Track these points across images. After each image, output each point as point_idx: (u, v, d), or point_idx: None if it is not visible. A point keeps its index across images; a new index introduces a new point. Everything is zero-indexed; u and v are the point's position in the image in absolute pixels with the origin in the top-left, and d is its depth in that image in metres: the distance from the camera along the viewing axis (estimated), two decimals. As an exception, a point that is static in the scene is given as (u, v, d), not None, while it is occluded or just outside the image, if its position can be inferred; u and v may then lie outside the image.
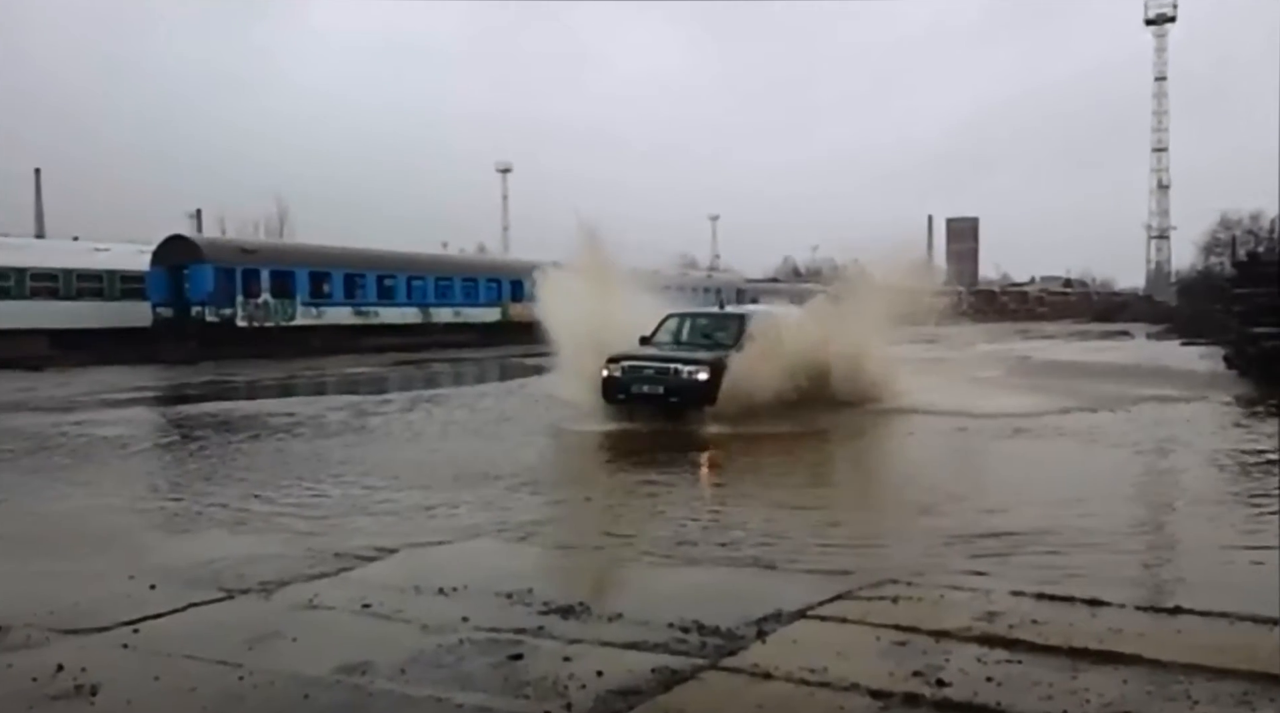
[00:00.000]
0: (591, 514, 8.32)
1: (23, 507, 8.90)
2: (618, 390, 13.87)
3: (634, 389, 13.80)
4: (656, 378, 13.77)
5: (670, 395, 13.69)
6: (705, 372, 13.63)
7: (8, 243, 37.53)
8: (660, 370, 13.84)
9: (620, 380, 13.85)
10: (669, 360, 13.98)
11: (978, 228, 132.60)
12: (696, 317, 16.48)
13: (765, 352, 14.09)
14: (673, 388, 13.67)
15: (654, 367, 13.91)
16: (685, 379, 13.65)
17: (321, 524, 8.02)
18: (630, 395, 13.83)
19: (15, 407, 17.94)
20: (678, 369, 13.76)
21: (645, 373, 13.86)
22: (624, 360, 13.97)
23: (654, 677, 4.48)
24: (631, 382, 13.82)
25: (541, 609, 5.55)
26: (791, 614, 5.40)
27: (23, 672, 4.59)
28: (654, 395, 13.73)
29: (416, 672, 4.65)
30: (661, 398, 13.71)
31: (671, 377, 13.72)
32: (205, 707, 4.22)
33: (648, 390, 13.74)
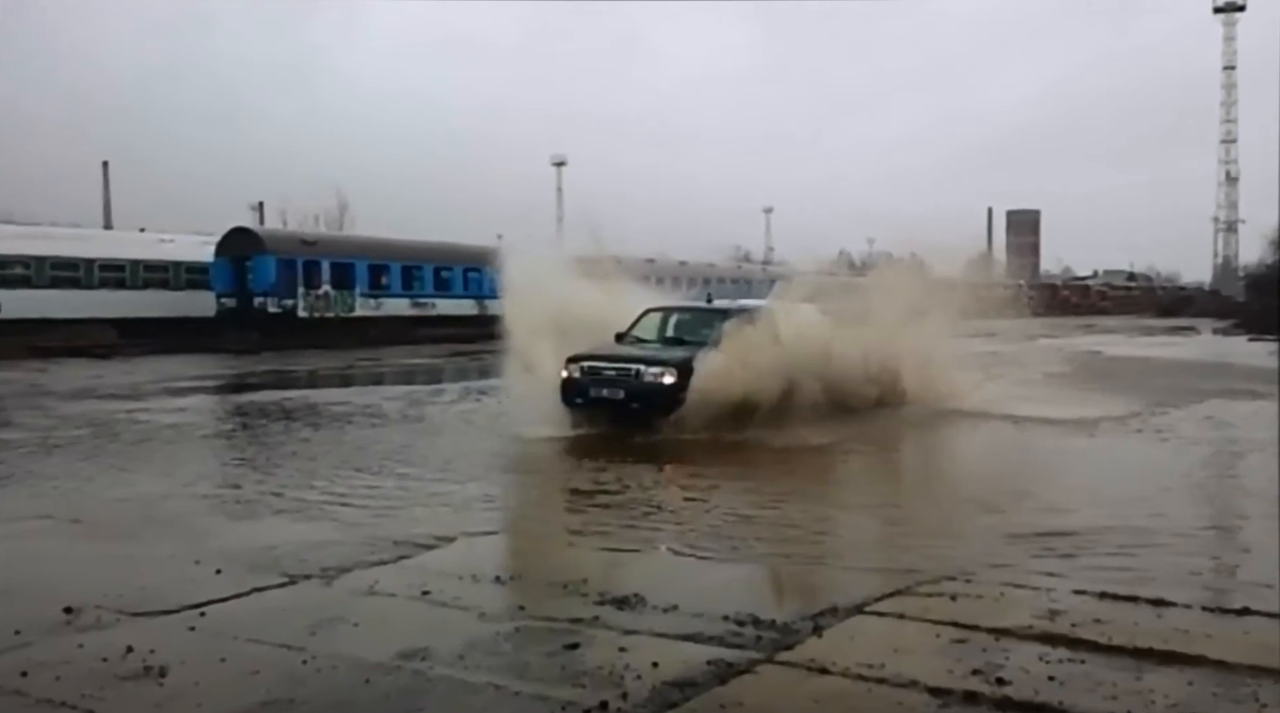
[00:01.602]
0: (641, 509, 8.31)
1: (91, 492, 9.12)
2: (575, 394, 12.36)
3: (592, 393, 12.26)
4: (617, 381, 12.21)
5: (631, 400, 12.12)
6: (671, 374, 12.00)
7: (77, 234, 38.56)
8: (621, 372, 12.27)
9: (578, 383, 12.35)
10: (631, 361, 12.38)
11: (1039, 221, 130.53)
12: (677, 312, 14.83)
13: (751, 351, 12.35)
14: (634, 392, 12.11)
15: (614, 368, 12.34)
16: (648, 382, 12.08)
17: (379, 512, 8.13)
18: (588, 400, 12.31)
19: (84, 394, 18.43)
20: (639, 371, 12.18)
21: (605, 375, 12.30)
22: (583, 361, 12.43)
23: (709, 669, 4.48)
24: (590, 385, 12.29)
25: (596, 600, 5.58)
26: (848, 610, 5.37)
27: (93, 652, 4.71)
28: (613, 400, 12.19)
29: (474, 659, 4.70)
30: (622, 404, 12.17)
31: (633, 380, 12.16)
32: (269, 689, 4.30)
33: (606, 395, 12.20)
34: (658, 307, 14.68)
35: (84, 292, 33.36)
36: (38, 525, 7.74)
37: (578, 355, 12.47)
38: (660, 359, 12.37)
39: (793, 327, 13.12)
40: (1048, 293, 77.24)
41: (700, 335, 13.25)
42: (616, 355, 12.61)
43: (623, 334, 13.64)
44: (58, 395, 18.18)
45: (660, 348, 13.22)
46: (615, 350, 12.84)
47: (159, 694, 4.27)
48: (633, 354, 12.66)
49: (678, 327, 14.15)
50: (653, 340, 13.70)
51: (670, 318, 14.48)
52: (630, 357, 12.53)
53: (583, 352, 12.55)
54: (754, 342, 12.42)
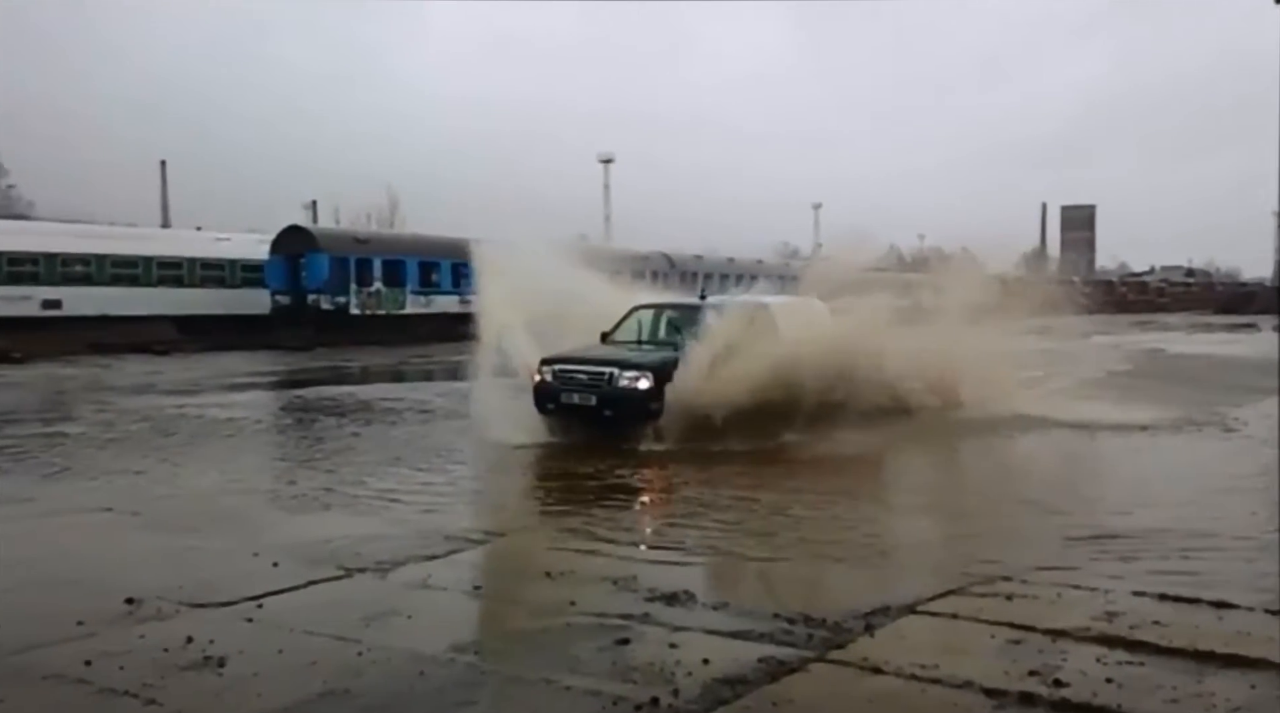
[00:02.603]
0: (688, 506, 8.31)
1: (150, 485, 9.31)
2: (546, 400, 11.44)
3: (563, 398, 11.33)
4: (589, 385, 11.24)
5: (603, 407, 11.13)
6: (646, 378, 10.99)
7: (136, 233, 39.36)
8: (593, 376, 11.28)
9: (550, 387, 11.42)
10: (604, 363, 11.38)
11: (1094, 216, 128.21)
12: (666, 310, 13.56)
13: (741, 353, 11.16)
14: (606, 398, 11.11)
15: (586, 371, 11.36)
16: (621, 388, 11.06)
17: (430, 507, 8.22)
18: (560, 406, 11.38)
19: (144, 389, 18.82)
20: (612, 375, 11.16)
21: (577, 379, 11.35)
22: (555, 363, 11.52)
23: (761, 667, 4.47)
24: (561, 389, 11.36)
25: (646, 596, 5.59)
26: (900, 609, 5.32)
27: (155, 642, 4.82)
28: (585, 407, 11.22)
29: (526, 653, 4.74)
30: (594, 410, 11.19)
31: (605, 384, 11.16)
32: (326, 680, 4.37)
33: (578, 400, 11.24)
34: (646, 304, 13.50)
35: (143, 289, 34.03)
36: (99, 518, 7.92)
37: (550, 357, 11.63)
38: (636, 362, 11.36)
39: (797, 324, 12.15)
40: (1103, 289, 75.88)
41: (689, 336, 12.06)
42: (589, 358, 11.64)
43: (608, 334, 12.69)
44: (118, 390, 18.59)
45: (641, 349, 12.20)
46: (589, 352, 11.86)
47: (218, 684, 4.36)
48: (607, 356, 11.65)
49: (665, 326, 13.13)
50: (636, 341, 12.67)
51: (658, 316, 13.36)
52: (604, 359, 11.53)
53: (556, 354, 11.71)
54: (743, 342, 11.29)
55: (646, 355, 11.73)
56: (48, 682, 4.39)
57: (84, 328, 30.21)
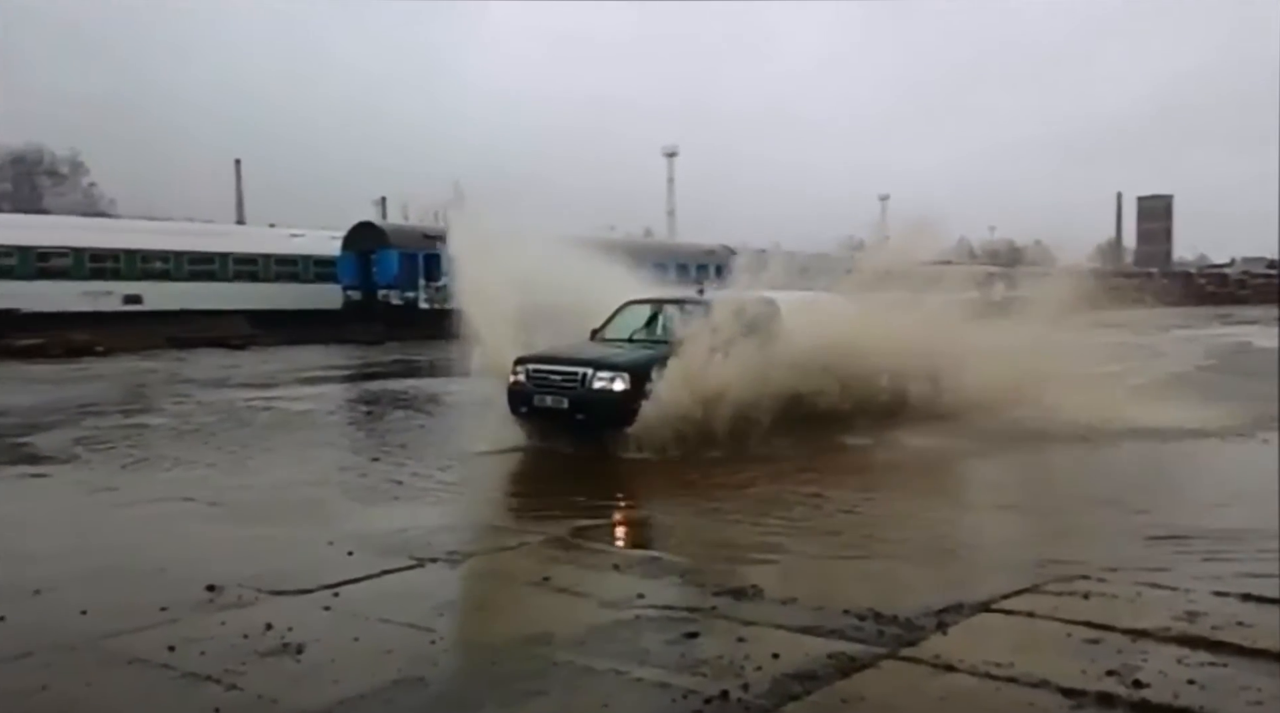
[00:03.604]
0: (752, 502, 8.27)
1: (228, 476, 9.55)
2: (520, 402, 10.77)
3: (536, 401, 10.61)
4: (562, 387, 10.48)
5: (576, 411, 10.35)
6: (622, 380, 10.15)
7: (213, 230, 40.36)
8: (567, 377, 10.51)
9: (523, 389, 10.74)
10: (579, 363, 10.58)
11: (1171, 206, 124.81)
12: (658, 305, 12.40)
13: (737, 352, 10.34)
14: (579, 401, 10.30)
15: (560, 372, 10.59)
16: (595, 390, 10.24)
17: (500, 499, 8.30)
18: (532, 409, 10.67)
19: (221, 382, 19.30)
20: (586, 375, 10.37)
21: (551, 380, 10.60)
22: (530, 363, 10.81)
23: (831, 663, 4.44)
24: (534, 391, 10.64)
25: (715, 590, 5.57)
26: (974, 607, 5.24)
27: (235, 629, 4.94)
28: (557, 410, 10.47)
29: (595, 645, 4.76)
30: (566, 414, 10.42)
31: (579, 386, 10.37)
32: (401, 668, 4.44)
33: (550, 403, 10.50)
34: (638, 299, 12.54)
35: (220, 284, 34.89)
36: (180, 507, 8.14)
37: (525, 356, 10.92)
38: (611, 362, 10.49)
39: (810, 322, 11.25)
40: (1181, 281, 73.92)
41: (680, 334, 11.10)
42: (565, 357, 10.88)
43: (597, 330, 12.01)
44: (196, 383, 19.08)
45: (624, 348, 11.26)
46: (565, 351, 11.13)
47: (297, 670, 4.46)
48: (583, 356, 10.86)
49: (658, 323, 12.07)
50: (624, 338, 11.76)
51: (649, 312, 12.29)
52: (580, 359, 10.72)
53: (531, 352, 11.01)
54: (742, 340, 10.46)
55: (625, 355, 10.82)
56: (133, 666, 4.52)
57: (163, 322, 31.06)
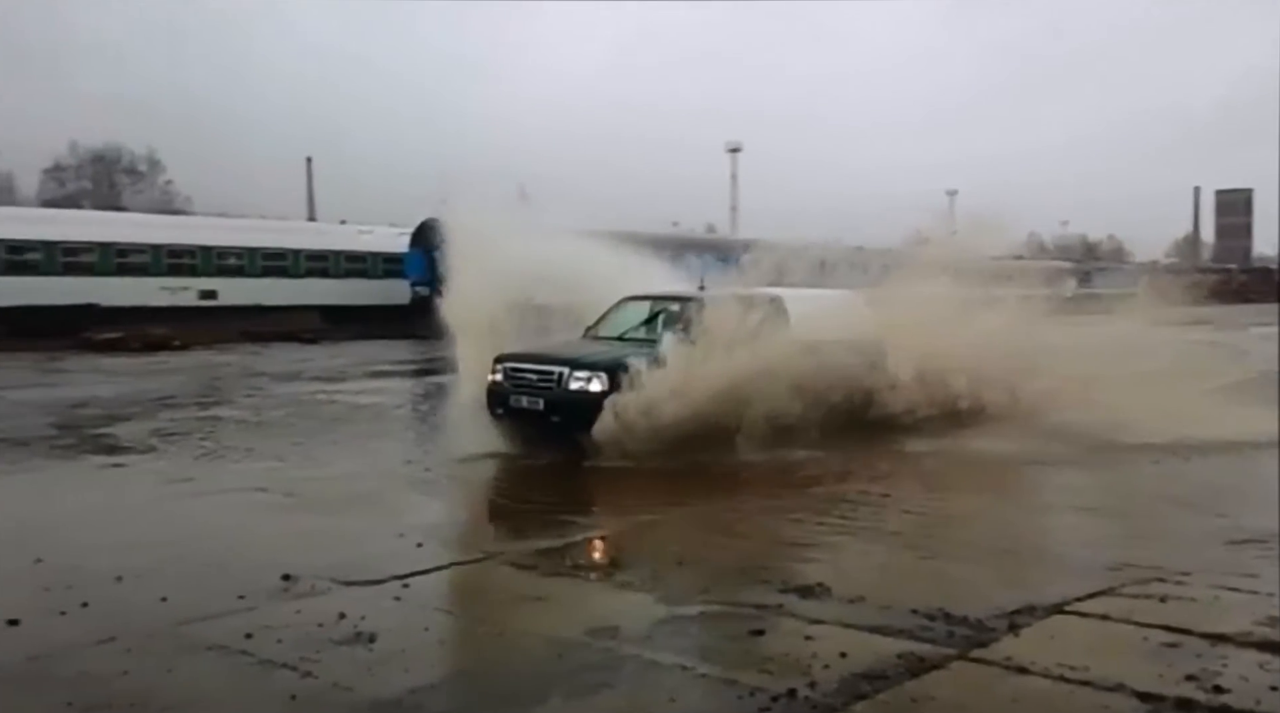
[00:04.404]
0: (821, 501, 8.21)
1: (301, 467, 9.75)
2: (497, 402, 10.29)
3: (512, 401, 10.16)
4: (538, 387, 10.02)
5: (551, 412, 9.86)
6: (600, 380, 9.65)
7: (285, 227, 41.15)
8: (544, 377, 10.04)
9: (501, 389, 10.28)
10: (556, 362, 10.10)
11: (1251, 201, 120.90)
12: (654, 302, 11.66)
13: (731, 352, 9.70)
14: (555, 402, 9.82)
15: (537, 371, 10.13)
16: (572, 391, 9.75)
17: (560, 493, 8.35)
18: (509, 410, 10.20)
19: (293, 376, 19.70)
20: (563, 375, 9.89)
21: (527, 379, 10.15)
22: (508, 361, 10.33)
23: (900, 663, 4.40)
24: (511, 391, 10.20)
25: (780, 588, 5.55)
26: (1046, 609, 5.15)
27: (309, 618, 5.04)
28: (533, 411, 10.01)
29: (661, 639, 4.78)
30: (542, 416, 9.94)
31: (555, 387, 9.90)
32: (469, 659, 4.51)
33: (526, 404, 10.04)
34: (635, 295, 11.82)
35: (292, 280, 35.53)
36: (255, 498, 8.33)
37: (504, 355, 10.46)
38: (590, 361, 9.96)
39: (820, 321, 10.67)
40: (1261, 277, 71.66)
41: (672, 332, 10.56)
42: (542, 355, 10.39)
43: (591, 327, 11.51)
44: (269, 377, 19.49)
45: (610, 347, 10.64)
46: (544, 349, 10.64)
47: (369, 659, 4.54)
48: (561, 354, 10.33)
49: (651, 321, 11.38)
50: (615, 337, 11.16)
51: (644, 310, 11.60)
52: (557, 357, 10.23)
53: (511, 350, 10.52)
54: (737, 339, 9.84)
55: (607, 354, 10.22)
56: (212, 652, 4.64)
57: (237, 317, 31.74)
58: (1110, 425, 10.73)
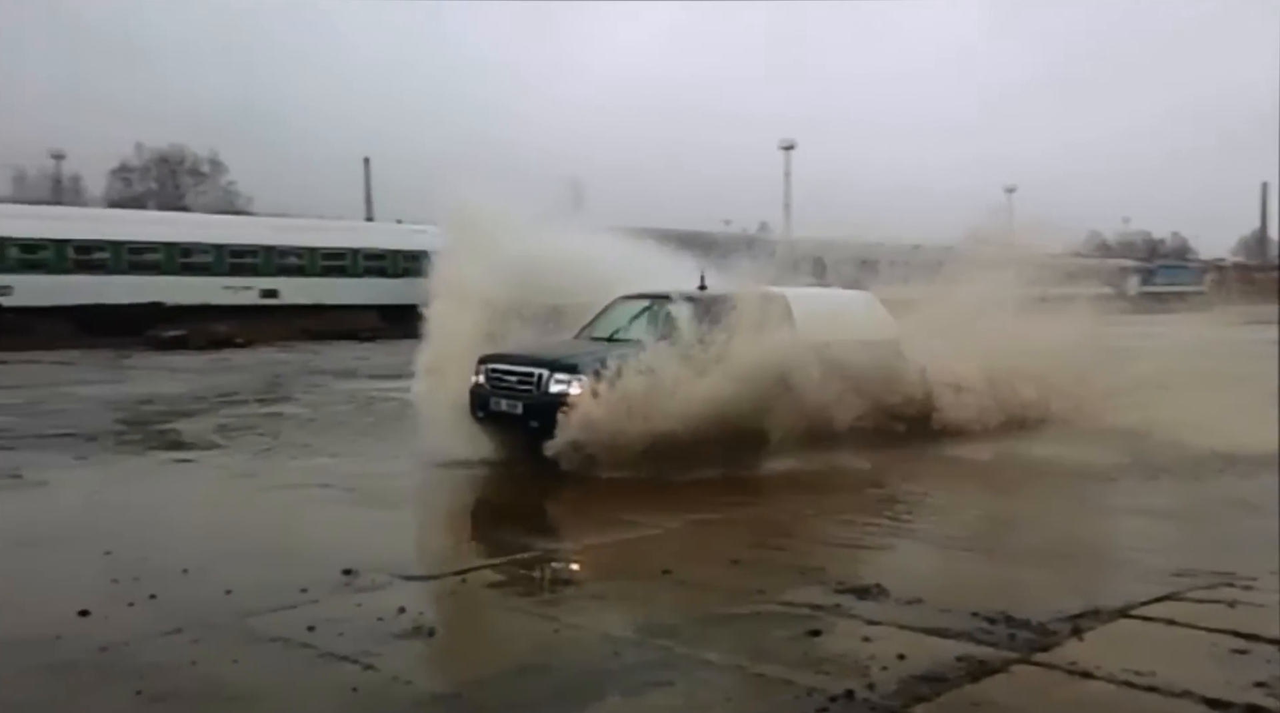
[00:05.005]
0: (880, 501, 8.14)
1: (360, 463, 9.90)
2: (479, 405, 9.79)
3: (493, 404, 9.64)
4: (517, 390, 9.48)
5: (529, 416, 9.26)
6: (579, 383, 9.07)
7: (344, 226, 41.71)
8: (523, 378, 9.49)
9: (483, 391, 9.80)
10: (536, 364, 9.50)
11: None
12: (650, 301, 10.80)
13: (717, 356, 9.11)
14: (533, 406, 9.23)
15: (517, 373, 9.58)
16: (552, 393, 9.13)
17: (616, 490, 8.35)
18: (489, 413, 9.70)
19: (352, 373, 19.99)
20: (542, 377, 9.33)
21: (507, 381, 9.63)
22: (490, 362, 9.84)
23: (960, 665, 4.35)
24: (491, 394, 9.70)
25: (836, 588, 5.52)
26: (1110, 613, 5.06)
27: (370, 611, 5.12)
28: (512, 415, 9.47)
29: (717, 638, 4.77)
30: (520, 420, 9.38)
31: (534, 390, 9.32)
32: (526, 654, 4.54)
33: (505, 407, 9.52)
34: (630, 294, 11.07)
35: (351, 279, 36.02)
36: (316, 493, 8.47)
37: (487, 355, 9.98)
38: (570, 363, 9.36)
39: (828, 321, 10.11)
40: (1334, 275, 69.55)
41: (664, 332, 9.97)
42: (523, 356, 9.81)
43: (585, 326, 10.96)
44: (329, 374, 19.79)
45: (599, 348, 9.95)
46: (526, 350, 10.06)
47: (428, 653, 4.62)
48: (542, 356, 9.75)
49: (648, 320, 10.61)
50: (606, 337, 10.54)
51: (640, 308, 10.84)
52: (537, 359, 9.64)
53: (494, 351, 10.03)
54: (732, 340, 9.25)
55: (592, 355, 9.57)
56: (275, 644, 4.73)
57: (298, 315, 32.25)
58: (1173, 429, 10.40)
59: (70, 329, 26.88)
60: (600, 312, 10.97)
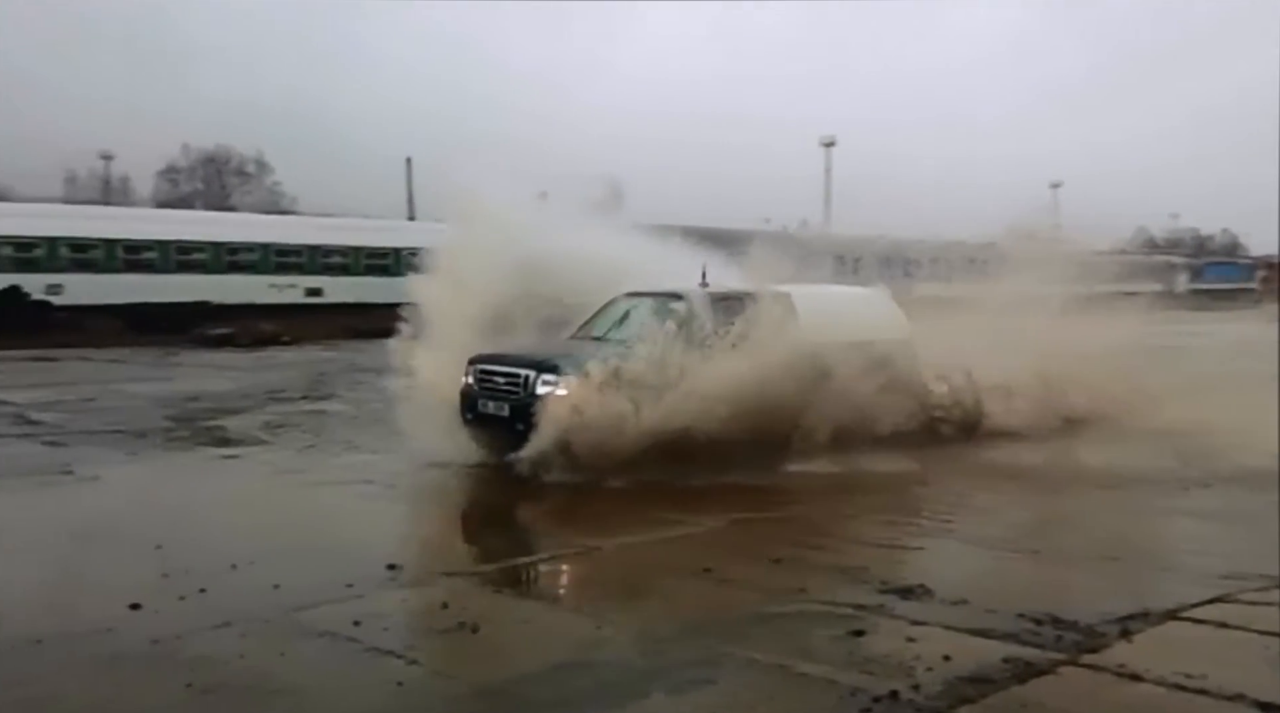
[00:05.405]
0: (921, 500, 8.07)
1: (401, 460, 9.92)
2: (467, 407, 9.50)
3: (480, 406, 9.36)
4: (504, 392, 9.14)
5: (515, 419, 8.86)
6: (567, 386, 8.72)
7: (387, 226, 42.06)
8: (510, 380, 9.16)
9: (471, 392, 9.50)
10: (524, 365, 9.14)
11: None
12: (647, 299, 10.41)
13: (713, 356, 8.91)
14: (519, 409, 8.86)
15: (504, 374, 9.25)
16: (539, 396, 8.78)
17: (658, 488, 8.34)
18: (476, 415, 9.41)
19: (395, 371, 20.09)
20: (528, 379, 8.97)
21: (495, 383, 9.30)
22: (479, 363, 9.52)
23: (1006, 667, 4.30)
24: (479, 396, 9.41)
25: (880, 588, 5.49)
26: (1159, 615, 4.99)
27: (415, 606, 5.20)
28: (499, 418, 9.12)
29: (759, 637, 4.76)
30: (506, 423, 8.99)
31: (521, 391, 8.97)
32: (569, 651, 4.56)
33: (493, 410, 9.21)
34: (630, 292, 10.65)
35: (394, 278, 36.28)
36: (361, 489, 8.54)
37: (477, 356, 9.62)
38: (556, 364, 8.99)
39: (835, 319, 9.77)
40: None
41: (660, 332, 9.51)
42: (511, 357, 9.44)
43: (584, 326, 10.51)
44: (372, 372, 19.89)
45: (592, 348, 9.60)
46: (515, 350, 9.66)
47: (472, 648, 4.65)
48: (530, 356, 9.33)
49: (646, 319, 10.12)
50: (601, 337, 10.13)
51: (638, 307, 10.43)
52: (525, 359, 9.26)
53: (485, 351, 9.66)
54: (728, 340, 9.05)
55: (583, 356, 9.19)
56: (322, 638, 4.79)
57: (342, 314, 32.54)
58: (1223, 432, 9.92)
59: (120, 327, 27.35)
60: (598, 310, 10.59)
